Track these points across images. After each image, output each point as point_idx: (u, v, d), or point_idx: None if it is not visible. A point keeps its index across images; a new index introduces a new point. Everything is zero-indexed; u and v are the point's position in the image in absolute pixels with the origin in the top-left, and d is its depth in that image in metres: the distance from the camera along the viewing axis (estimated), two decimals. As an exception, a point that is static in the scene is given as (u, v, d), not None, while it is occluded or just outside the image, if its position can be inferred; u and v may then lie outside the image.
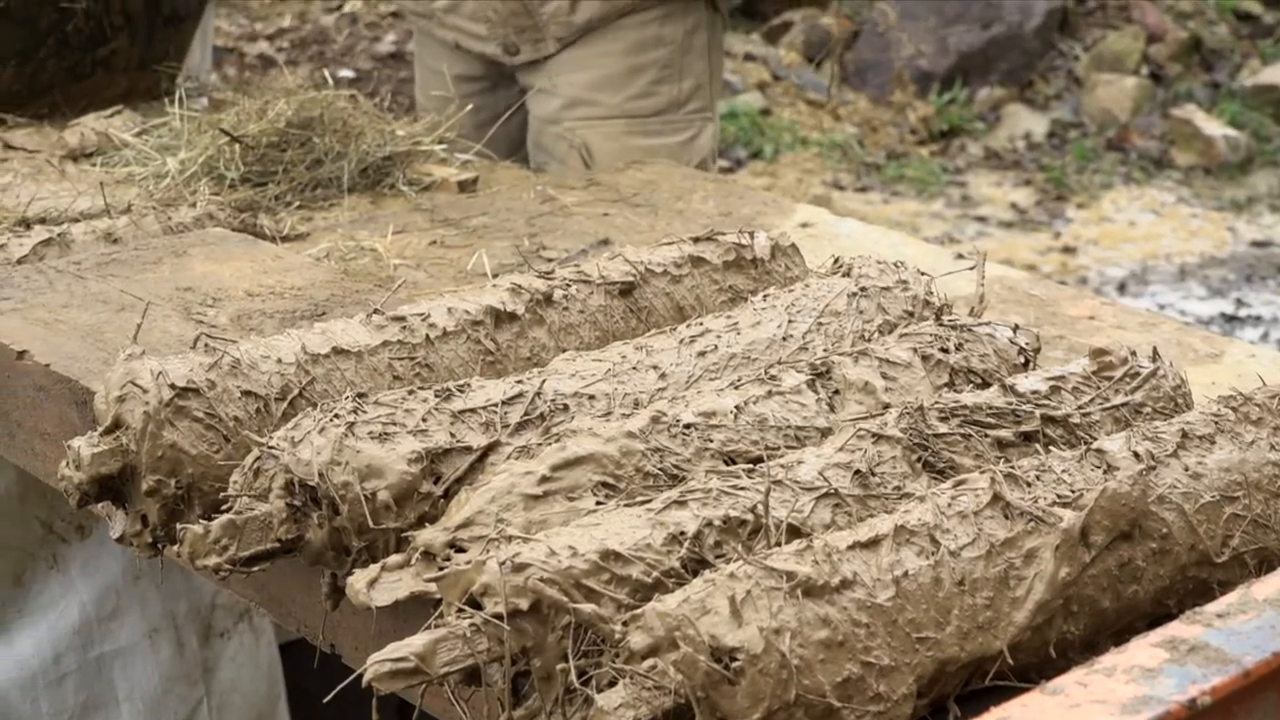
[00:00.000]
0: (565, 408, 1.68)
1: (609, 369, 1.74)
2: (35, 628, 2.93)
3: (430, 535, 1.50)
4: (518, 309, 1.88)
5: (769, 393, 1.68)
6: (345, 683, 1.46)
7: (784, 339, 1.84)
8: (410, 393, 1.66)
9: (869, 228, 2.94)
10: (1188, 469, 1.56)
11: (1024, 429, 1.65)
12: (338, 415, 1.60)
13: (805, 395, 1.69)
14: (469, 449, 1.61)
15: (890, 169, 8.31)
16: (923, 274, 2.00)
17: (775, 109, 8.58)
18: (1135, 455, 1.55)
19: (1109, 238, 7.68)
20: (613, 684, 1.34)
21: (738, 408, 1.65)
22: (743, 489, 1.49)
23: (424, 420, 1.62)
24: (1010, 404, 1.67)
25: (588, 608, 1.37)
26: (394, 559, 1.50)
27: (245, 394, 1.70)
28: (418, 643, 1.37)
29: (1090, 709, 1.24)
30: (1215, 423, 1.62)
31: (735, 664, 1.30)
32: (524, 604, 1.37)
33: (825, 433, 1.66)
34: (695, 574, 1.40)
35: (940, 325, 1.83)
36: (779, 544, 1.43)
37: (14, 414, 2.08)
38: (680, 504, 1.47)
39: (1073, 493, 1.49)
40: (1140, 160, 8.48)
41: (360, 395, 1.64)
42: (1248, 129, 8.70)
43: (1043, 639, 1.45)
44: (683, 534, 1.43)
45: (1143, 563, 1.50)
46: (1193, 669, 1.29)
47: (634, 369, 1.75)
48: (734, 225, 2.55)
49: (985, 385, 1.77)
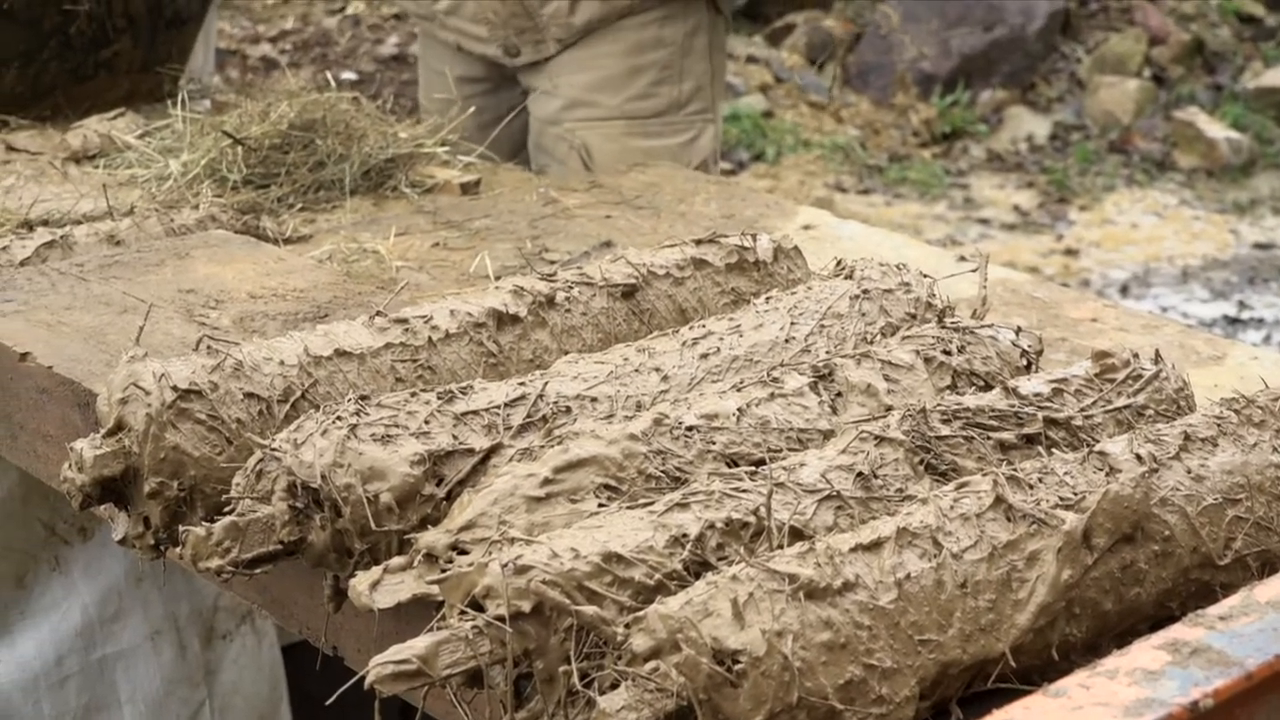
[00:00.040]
0: (567, 410, 1.68)
1: (611, 371, 1.74)
2: (37, 629, 2.93)
3: (432, 537, 1.50)
4: (520, 311, 1.88)
5: (771, 395, 1.68)
6: (347, 685, 1.46)
7: (786, 341, 1.84)
8: (413, 395, 1.66)
9: (871, 230, 2.94)
10: (1190, 471, 1.56)
11: (1026, 431, 1.65)
12: (340, 417, 1.60)
13: (808, 397, 1.69)
14: (471, 451, 1.61)
15: (892, 171, 8.31)
16: (925, 276, 2.00)
17: (777, 111, 8.58)
18: (1138, 457, 1.55)
19: (1111, 240, 7.67)
20: (615, 686, 1.34)
21: (740, 410, 1.65)
22: (745, 491, 1.49)
23: (426, 422, 1.62)
24: (1013, 406, 1.67)
25: (590, 610, 1.37)
26: (396, 561, 1.50)
27: (248, 396, 1.70)
28: (420, 645, 1.37)
29: (1092, 711, 1.24)
30: (1218, 425, 1.62)
31: (738, 666, 1.30)
32: (526, 606, 1.37)
33: (827, 435, 1.66)
34: (697, 576, 1.40)
35: (943, 327, 1.83)
36: (781, 546, 1.43)
37: (16, 416, 2.08)
38: (682, 506, 1.46)
39: (1075, 495, 1.49)
40: (1143, 162, 8.48)
41: (363, 397, 1.64)
42: (1250, 131, 8.70)
43: (1045, 641, 1.45)
44: (685, 536, 1.43)
45: (1145, 565, 1.50)
46: (1195, 671, 1.29)
47: (636, 371, 1.75)
48: (736, 227, 2.55)
49: (988, 388, 1.77)
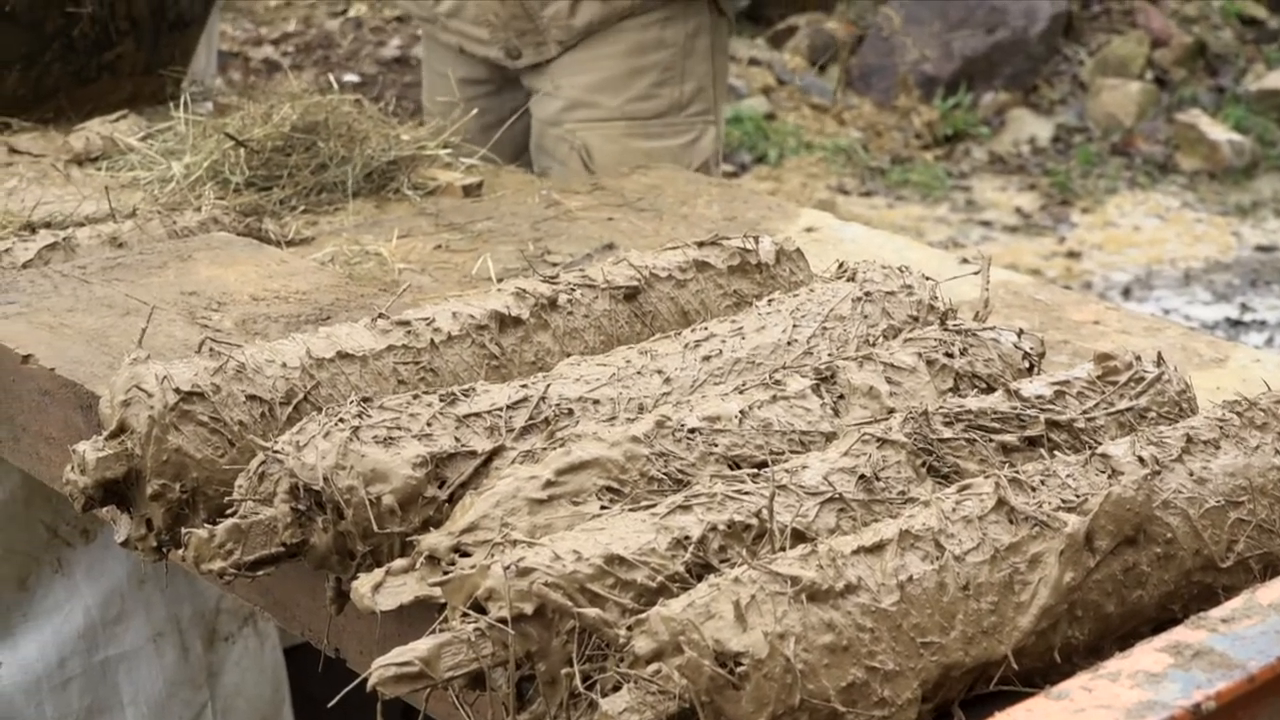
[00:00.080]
0: (570, 412, 1.68)
1: (613, 373, 1.74)
2: (40, 632, 2.93)
3: (435, 539, 1.50)
4: (522, 313, 1.88)
5: (773, 397, 1.68)
6: (350, 687, 1.46)
7: (788, 344, 1.84)
8: (415, 397, 1.66)
9: (873, 232, 2.94)
10: (1192, 474, 1.56)
11: (1028, 434, 1.65)
12: (342, 419, 1.60)
13: (810, 400, 1.69)
14: (474, 453, 1.61)
15: (895, 173, 8.31)
16: (927, 279, 2.00)
17: (780, 113, 8.57)
18: (1140, 460, 1.55)
19: (1113, 242, 7.67)
20: (617, 688, 1.34)
21: (742, 412, 1.65)
22: (747, 493, 1.49)
23: (429, 425, 1.62)
24: (1015, 409, 1.67)
25: (592, 612, 1.37)
26: (399, 563, 1.50)
27: (250, 398, 1.70)
28: (422, 647, 1.37)
29: (1095, 714, 1.24)
30: (1220, 428, 1.62)
31: (740, 669, 1.30)
32: (528, 608, 1.37)
33: (830, 437, 1.66)
34: (700, 579, 1.40)
35: (945, 330, 1.83)
36: (783, 549, 1.43)
37: (19, 418, 2.08)
38: (685, 508, 1.46)
39: (1077, 497, 1.49)
40: (1145, 165, 8.47)
41: (365, 399, 1.64)
42: (1252, 134, 8.69)
43: (1047, 644, 1.45)
44: (687, 538, 1.43)
45: (1147, 567, 1.50)
46: (1197, 674, 1.29)
47: (639, 373, 1.75)
48: (739, 230, 2.55)
49: (990, 390, 1.77)
